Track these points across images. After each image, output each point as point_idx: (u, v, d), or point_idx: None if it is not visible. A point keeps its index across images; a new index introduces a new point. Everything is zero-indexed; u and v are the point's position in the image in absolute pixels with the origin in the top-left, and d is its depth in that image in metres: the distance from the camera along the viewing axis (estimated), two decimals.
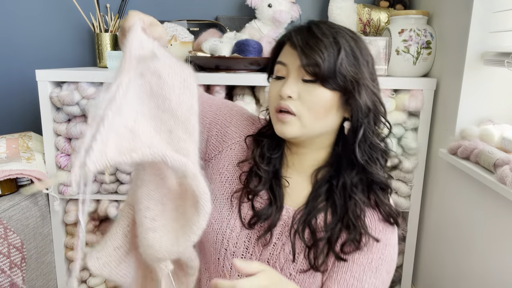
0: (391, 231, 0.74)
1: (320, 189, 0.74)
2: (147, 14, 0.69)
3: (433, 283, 1.25)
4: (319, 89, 0.68)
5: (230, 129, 0.84)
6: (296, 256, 0.74)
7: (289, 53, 0.70)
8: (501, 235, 0.90)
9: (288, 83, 0.69)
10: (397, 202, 1.28)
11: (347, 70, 0.67)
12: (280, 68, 0.72)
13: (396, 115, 1.21)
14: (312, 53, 0.66)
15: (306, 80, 0.69)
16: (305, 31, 0.69)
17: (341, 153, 0.74)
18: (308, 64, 0.66)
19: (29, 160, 1.27)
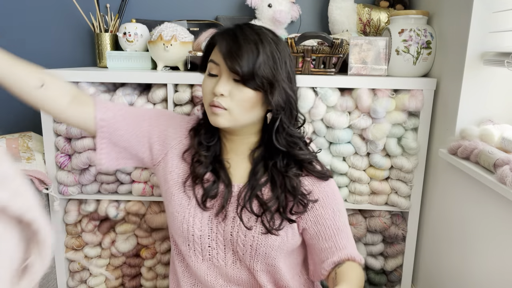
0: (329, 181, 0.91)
1: (257, 166, 0.88)
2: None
3: (433, 283, 1.25)
4: (244, 88, 0.80)
5: (169, 132, 0.94)
6: (249, 225, 0.86)
7: (220, 55, 0.81)
8: (501, 235, 0.90)
9: (220, 82, 0.81)
10: (397, 202, 1.28)
11: (264, 72, 0.79)
12: (213, 66, 0.82)
13: (396, 115, 1.21)
14: (234, 59, 0.78)
15: (236, 80, 0.80)
16: (230, 36, 0.80)
17: (267, 139, 0.88)
18: (231, 68, 0.78)
19: (29, 160, 1.27)
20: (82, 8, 1.47)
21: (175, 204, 0.90)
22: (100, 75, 1.24)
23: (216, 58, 0.82)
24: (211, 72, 0.83)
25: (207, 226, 0.89)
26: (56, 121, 1.28)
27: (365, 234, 1.33)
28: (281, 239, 0.87)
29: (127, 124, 0.91)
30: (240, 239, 0.87)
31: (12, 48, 1.61)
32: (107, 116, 0.89)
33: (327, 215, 0.87)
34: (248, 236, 0.87)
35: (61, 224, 1.37)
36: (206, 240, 0.89)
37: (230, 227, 0.88)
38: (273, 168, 0.87)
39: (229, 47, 0.79)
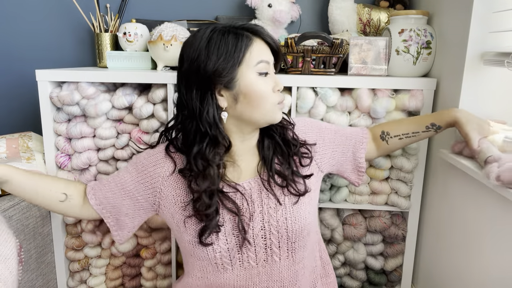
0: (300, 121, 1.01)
1: (264, 142, 0.92)
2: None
3: (433, 283, 1.25)
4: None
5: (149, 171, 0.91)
6: (281, 198, 0.89)
7: (264, 50, 0.85)
8: (501, 235, 0.90)
9: (277, 79, 0.86)
10: (397, 202, 1.28)
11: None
12: (265, 66, 0.84)
13: (396, 115, 1.21)
14: (280, 50, 0.88)
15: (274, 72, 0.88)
16: (260, 28, 0.85)
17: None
18: (278, 61, 0.89)
19: (29, 160, 1.27)
20: (82, 8, 1.47)
21: (193, 233, 0.87)
22: (100, 75, 1.24)
23: (265, 57, 0.84)
24: (262, 71, 0.83)
25: (233, 237, 0.87)
26: (56, 121, 1.28)
27: (365, 234, 1.33)
28: (309, 205, 0.92)
29: (118, 197, 0.92)
30: (273, 227, 0.87)
31: (12, 48, 1.62)
32: (98, 200, 0.93)
33: (327, 145, 0.99)
34: (280, 219, 0.88)
35: (61, 224, 1.37)
36: (235, 250, 0.88)
37: (260, 222, 0.88)
38: (273, 134, 0.93)
39: (274, 40, 0.86)
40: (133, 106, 1.25)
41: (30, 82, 1.42)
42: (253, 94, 0.82)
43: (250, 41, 0.82)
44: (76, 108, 1.24)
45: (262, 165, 0.92)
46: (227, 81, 0.81)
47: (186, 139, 0.86)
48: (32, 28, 1.61)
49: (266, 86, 0.83)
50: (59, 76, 1.24)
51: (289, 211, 0.89)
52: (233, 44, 0.80)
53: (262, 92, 0.83)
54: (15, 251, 0.81)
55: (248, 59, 0.81)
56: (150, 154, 0.93)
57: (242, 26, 0.84)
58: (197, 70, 0.81)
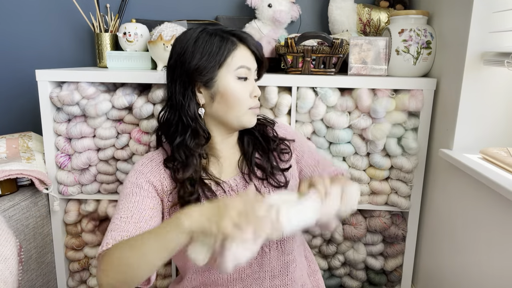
0: (280, 125, 1.04)
1: (243, 138, 0.96)
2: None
3: (433, 283, 1.25)
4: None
5: (152, 181, 0.88)
6: (261, 193, 0.91)
7: (248, 57, 0.88)
8: (501, 235, 0.90)
9: (255, 85, 0.89)
10: (397, 202, 1.28)
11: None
12: (245, 71, 0.87)
13: (396, 115, 1.21)
14: (264, 59, 0.90)
15: (255, 79, 0.91)
16: (248, 35, 0.88)
17: None
18: (262, 69, 0.91)
19: (29, 160, 1.27)
20: (82, 8, 1.47)
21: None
22: (100, 75, 1.24)
23: (247, 63, 0.87)
24: (242, 76, 0.87)
25: None
26: (56, 121, 1.28)
27: (365, 234, 1.33)
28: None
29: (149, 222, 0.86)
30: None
31: (12, 48, 1.62)
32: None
33: (302, 155, 1.01)
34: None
35: (61, 224, 1.37)
36: None
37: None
38: (253, 132, 0.96)
39: (258, 48, 0.88)
40: (133, 106, 1.25)
41: (30, 82, 1.42)
42: (230, 96, 0.86)
43: (235, 46, 0.86)
44: (76, 108, 1.24)
45: (243, 160, 0.95)
46: (207, 80, 0.85)
47: (169, 129, 0.90)
48: (32, 28, 1.61)
49: (243, 90, 0.87)
50: (59, 76, 1.24)
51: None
52: (217, 46, 0.85)
53: (238, 95, 0.86)
54: (15, 251, 0.81)
55: (229, 63, 0.85)
56: (144, 164, 0.93)
57: (230, 31, 0.88)
58: (182, 65, 0.86)
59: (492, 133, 1.10)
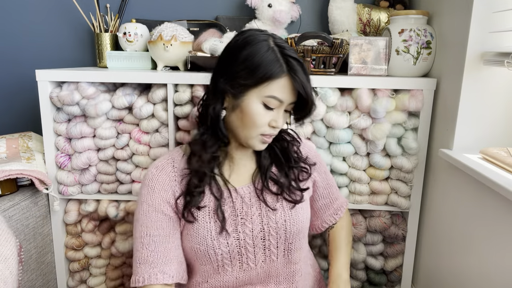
0: (308, 144, 1.07)
1: (262, 151, 0.93)
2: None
3: (433, 283, 1.25)
4: (287, 114, 0.89)
5: (167, 199, 0.89)
6: (273, 205, 0.92)
7: (288, 92, 0.82)
8: (501, 235, 0.90)
9: (281, 116, 0.85)
10: (397, 202, 1.28)
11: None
12: (275, 102, 0.82)
13: (396, 115, 1.21)
14: (313, 100, 0.84)
15: (286, 110, 0.87)
16: (302, 71, 0.81)
17: None
18: (310, 109, 0.86)
19: (29, 160, 1.27)
20: (82, 8, 1.47)
21: (195, 236, 0.88)
22: (100, 75, 1.24)
23: (281, 95, 0.82)
24: (270, 106, 0.82)
25: (234, 239, 0.89)
26: (56, 121, 1.28)
27: (365, 234, 1.33)
28: (307, 211, 0.97)
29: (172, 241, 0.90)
30: (272, 229, 0.91)
31: (12, 48, 1.62)
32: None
33: (320, 177, 1.05)
34: (279, 221, 0.91)
35: (61, 224, 1.37)
36: (235, 251, 0.89)
37: (259, 224, 0.90)
38: (274, 148, 0.95)
39: (309, 87, 0.82)
40: (133, 106, 1.25)
41: (30, 82, 1.42)
42: (247, 116, 0.83)
43: (278, 75, 0.80)
44: (76, 108, 1.24)
45: (257, 173, 0.95)
46: (235, 92, 0.83)
47: (201, 117, 0.93)
48: (32, 28, 1.61)
49: (263, 117, 0.83)
50: (59, 76, 1.24)
51: (287, 214, 0.92)
52: (264, 66, 0.80)
53: (255, 119, 0.83)
54: (15, 251, 0.81)
55: (264, 87, 0.81)
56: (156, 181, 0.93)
57: (289, 54, 0.81)
58: (228, 62, 0.84)
59: (492, 133, 1.10)
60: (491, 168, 0.94)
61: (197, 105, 0.95)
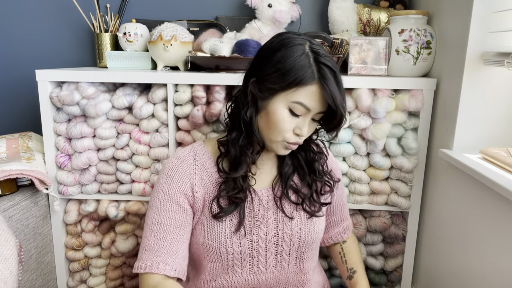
0: (333, 159, 1.07)
1: (286, 158, 0.92)
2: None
3: (433, 283, 1.25)
4: (315, 123, 0.85)
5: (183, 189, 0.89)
6: (290, 214, 0.91)
7: (317, 100, 0.79)
8: (501, 235, 0.90)
9: (306, 125, 0.82)
10: (397, 202, 1.28)
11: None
12: (301, 109, 0.79)
13: (396, 115, 1.21)
14: (342, 112, 0.79)
15: (314, 119, 0.83)
16: (335, 84, 0.78)
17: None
18: (338, 122, 0.81)
19: (29, 160, 1.27)
20: (82, 8, 1.47)
21: (207, 231, 0.88)
22: (100, 75, 1.24)
23: (309, 103, 0.78)
24: (296, 112, 0.80)
25: (247, 240, 0.89)
26: (56, 121, 1.28)
27: (365, 234, 1.33)
28: (323, 223, 0.97)
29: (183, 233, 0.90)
30: (287, 235, 0.91)
31: (12, 48, 1.62)
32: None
33: (337, 193, 1.04)
34: (294, 228, 0.91)
35: (61, 224, 1.37)
36: (247, 253, 0.89)
37: (274, 229, 0.90)
38: (298, 157, 0.93)
39: (339, 97, 0.78)
40: (133, 106, 1.25)
41: (30, 82, 1.42)
42: (272, 120, 0.81)
43: (309, 82, 0.77)
44: (76, 108, 1.24)
45: (278, 180, 0.93)
46: (263, 95, 0.81)
47: (231, 116, 0.91)
48: (32, 28, 1.61)
49: (288, 122, 0.81)
50: (59, 76, 1.24)
51: (303, 223, 0.92)
52: (295, 70, 0.77)
53: (279, 124, 0.81)
54: (15, 251, 0.81)
55: (292, 92, 0.78)
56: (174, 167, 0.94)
57: (323, 62, 0.78)
58: (261, 64, 0.82)
59: (492, 133, 1.10)
60: (491, 168, 0.94)
61: (226, 106, 0.93)
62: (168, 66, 1.35)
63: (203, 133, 1.26)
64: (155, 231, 0.86)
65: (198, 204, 0.89)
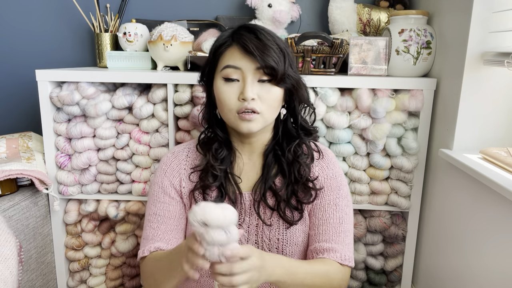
0: (336, 171, 0.94)
1: (268, 158, 0.90)
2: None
3: (433, 283, 1.25)
4: (273, 88, 0.81)
5: (173, 183, 0.92)
6: (268, 221, 0.88)
7: (240, 57, 0.79)
8: (501, 235, 0.90)
9: (248, 86, 0.79)
10: (397, 202, 1.28)
11: (291, 72, 0.82)
12: (231, 71, 0.80)
13: (396, 115, 1.21)
14: (269, 59, 0.77)
15: (262, 80, 0.80)
16: (253, 36, 0.79)
17: (282, 131, 0.90)
18: (267, 67, 0.78)
19: (29, 160, 1.27)
20: (82, 8, 1.47)
21: (188, 232, 0.91)
22: (100, 75, 1.24)
23: (236, 62, 0.79)
24: (230, 77, 0.80)
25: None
26: (56, 121, 1.28)
27: (365, 234, 1.33)
28: (303, 232, 0.91)
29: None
30: (266, 245, 0.89)
31: (12, 48, 1.62)
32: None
33: (322, 203, 0.91)
34: (273, 238, 0.88)
35: (61, 224, 1.37)
36: None
37: (254, 235, 0.89)
38: (282, 157, 0.89)
39: (260, 47, 0.77)
40: (133, 106, 1.25)
41: (30, 82, 1.42)
42: (217, 99, 0.84)
43: (227, 44, 0.81)
44: (76, 108, 1.24)
45: (260, 181, 0.89)
46: (207, 81, 0.87)
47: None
48: (32, 28, 1.61)
49: (228, 92, 0.80)
50: (59, 76, 1.24)
51: (282, 233, 0.89)
52: (214, 45, 0.84)
53: (222, 97, 0.81)
54: (15, 251, 0.81)
55: (219, 63, 0.82)
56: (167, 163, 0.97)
57: (240, 26, 0.83)
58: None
59: (492, 133, 1.10)
60: (491, 168, 0.94)
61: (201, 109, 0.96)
62: (168, 66, 1.35)
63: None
64: (151, 221, 0.90)
65: (185, 198, 0.92)
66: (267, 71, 0.78)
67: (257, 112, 0.80)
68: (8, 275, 0.76)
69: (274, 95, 0.81)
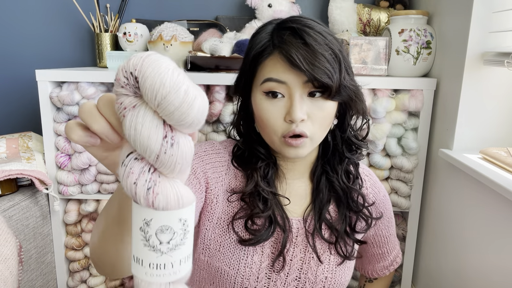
0: (381, 186, 0.87)
1: (320, 183, 0.77)
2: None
3: (433, 283, 1.25)
4: (326, 103, 0.66)
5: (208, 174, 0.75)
6: (321, 257, 0.76)
7: (284, 69, 0.64)
8: (501, 235, 0.90)
9: (296, 105, 0.64)
10: (397, 202, 1.28)
11: (349, 81, 0.67)
12: (275, 85, 0.65)
13: (396, 115, 1.21)
14: (320, 71, 0.62)
15: (313, 93, 0.66)
16: (300, 42, 0.63)
17: (332, 149, 0.77)
18: (319, 82, 0.63)
19: (29, 160, 1.27)
20: (82, 8, 1.47)
21: (224, 255, 0.74)
22: (100, 75, 1.24)
23: (278, 75, 0.64)
24: (269, 90, 0.66)
25: (265, 276, 0.75)
26: (56, 121, 1.28)
27: None
28: (352, 269, 0.82)
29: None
30: (309, 282, 0.76)
31: (12, 48, 1.62)
32: None
33: (383, 225, 0.90)
34: (319, 276, 0.76)
35: (61, 224, 1.37)
36: (263, 281, 0.75)
37: (297, 271, 0.76)
38: (335, 183, 0.76)
39: (304, 55, 0.62)
40: None
41: (30, 82, 1.42)
42: (257, 117, 0.69)
43: (265, 53, 0.66)
44: (76, 108, 1.24)
45: (310, 210, 0.77)
46: (242, 94, 0.74)
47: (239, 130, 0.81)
48: (32, 28, 1.61)
49: (271, 111, 0.66)
50: (59, 76, 1.24)
51: (331, 270, 0.77)
52: (252, 48, 0.68)
53: (264, 116, 0.67)
54: (15, 251, 0.81)
55: (258, 76, 0.68)
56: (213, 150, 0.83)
57: (283, 26, 0.66)
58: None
59: (492, 133, 1.10)
60: (491, 168, 0.94)
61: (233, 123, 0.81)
62: None
63: (203, 133, 1.26)
64: None
65: (210, 198, 0.75)
66: (318, 84, 0.64)
67: (306, 136, 0.66)
68: (8, 275, 0.76)
69: (326, 112, 0.67)
